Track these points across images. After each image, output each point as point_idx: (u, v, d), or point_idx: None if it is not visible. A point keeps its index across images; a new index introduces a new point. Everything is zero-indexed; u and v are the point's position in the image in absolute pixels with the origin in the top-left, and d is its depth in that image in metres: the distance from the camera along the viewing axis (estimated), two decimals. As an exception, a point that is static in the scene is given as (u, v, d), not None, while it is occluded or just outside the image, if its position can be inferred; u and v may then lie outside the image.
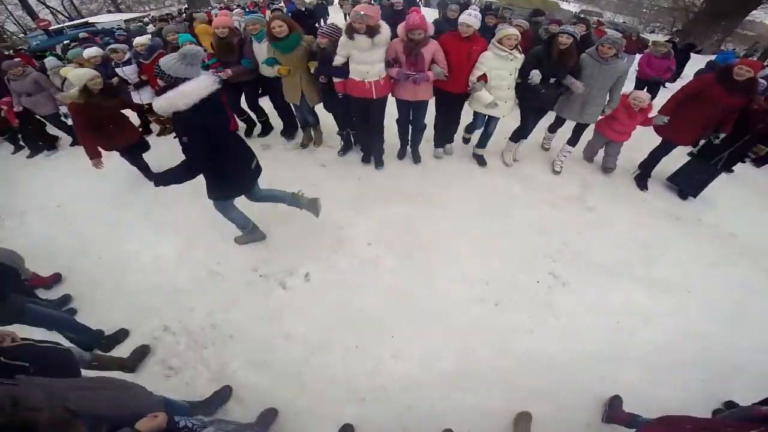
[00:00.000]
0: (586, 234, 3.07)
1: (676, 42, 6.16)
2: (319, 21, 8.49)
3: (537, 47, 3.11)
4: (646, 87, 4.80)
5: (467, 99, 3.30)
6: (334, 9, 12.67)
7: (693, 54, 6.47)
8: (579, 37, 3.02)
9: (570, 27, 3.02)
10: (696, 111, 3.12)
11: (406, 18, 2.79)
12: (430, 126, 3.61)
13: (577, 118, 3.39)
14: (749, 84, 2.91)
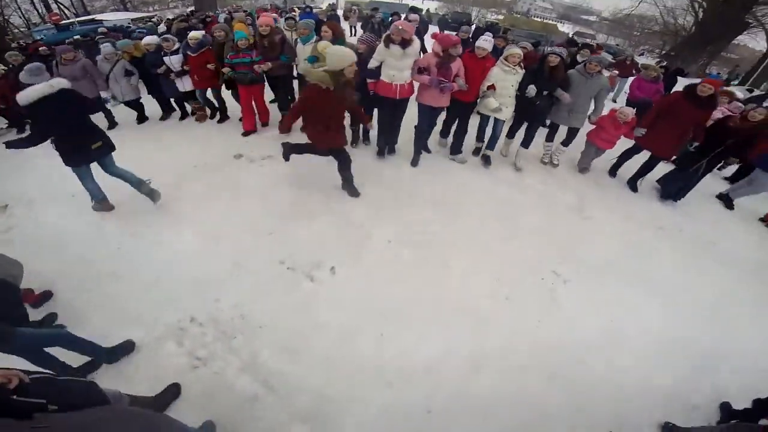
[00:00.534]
0: (583, 239, 3.36)
1: (668, 67, 6.58)
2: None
3: (533, 65, 3.72)
4: (636, 108, 5.17)
5: (475, 107, 3.85)
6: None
7: (680, 78, 6.90)
8: (566, 57, 3.60)
9: (557, 48, 3.75)
10: (669, 124, 3.64)
11: (443, 36, 3.40)
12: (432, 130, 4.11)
13: (566, 122, 3.95)
14: (711, 99, 3.50)
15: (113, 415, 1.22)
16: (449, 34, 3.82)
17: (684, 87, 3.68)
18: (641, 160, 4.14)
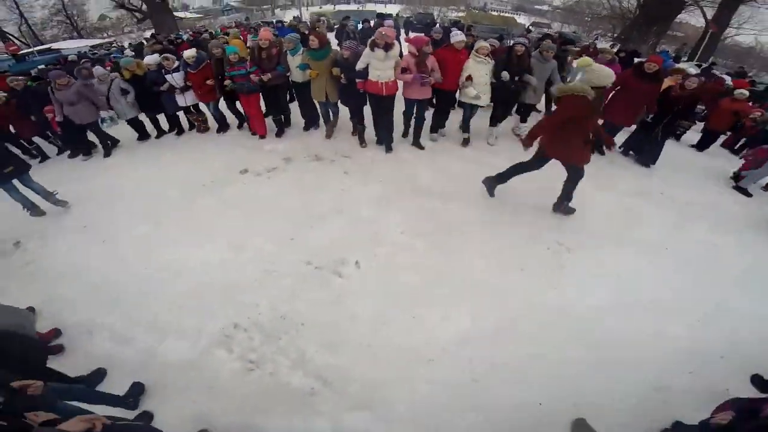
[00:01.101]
0: (579, 210, 3.65)
1: (626, 50, 7.20)
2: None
3: (502, 56, 4.38)
4: None
5: (457, 94, 4.44)
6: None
7: (636, 58, 7.52)
8: (530, 45, 4.35)
9: (521, 38, 4.65)
10: (624, 97, 4.28)
11: (415, 38, 4.03)
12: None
13: (531, 100, 4.65)
14: (657, 74, 4.12)
15: None
16: (419, 36, 4.48)
17: (633, 65, 4.35)
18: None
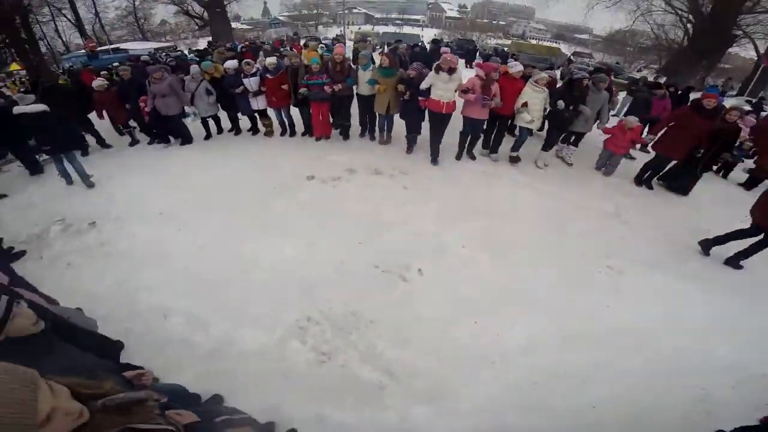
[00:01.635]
0: (624, 239, 3.84)
1: (677, 86, 7.27)
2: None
3: (560, 86, 4.92)
4: (648, 124, 5.90)
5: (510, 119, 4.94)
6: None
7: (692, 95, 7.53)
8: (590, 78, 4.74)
9: (584, 73, 4.92)
10: (679, 132, 4.46)
11: (485, 64, 4.69)
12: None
13: (582, 129, 5.02)
14: (714, 110, 4.27)
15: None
16: (490, 62, 5.02)
17: (691, 101, 4.67)
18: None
